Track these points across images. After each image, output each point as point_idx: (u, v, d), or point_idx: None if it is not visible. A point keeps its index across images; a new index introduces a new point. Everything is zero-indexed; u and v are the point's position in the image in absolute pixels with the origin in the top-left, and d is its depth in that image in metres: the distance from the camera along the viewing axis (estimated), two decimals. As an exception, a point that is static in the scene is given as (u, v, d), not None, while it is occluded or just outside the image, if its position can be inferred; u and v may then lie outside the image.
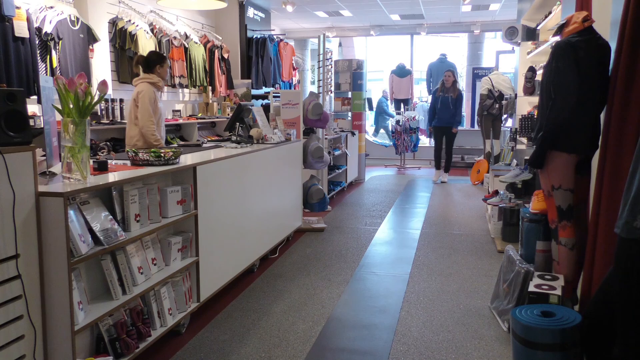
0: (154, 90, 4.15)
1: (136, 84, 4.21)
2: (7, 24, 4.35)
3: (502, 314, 3.09)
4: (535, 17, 6.28)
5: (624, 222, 1.73)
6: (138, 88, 4.16)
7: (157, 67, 4.23)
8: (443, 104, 8.31)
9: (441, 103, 8.33)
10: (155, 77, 4.19)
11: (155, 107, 4.13)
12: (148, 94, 4.08)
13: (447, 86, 8.30)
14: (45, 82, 2.47)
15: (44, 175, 2.39)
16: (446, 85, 8.33)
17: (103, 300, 2.42)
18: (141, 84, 4.15)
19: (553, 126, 2.71)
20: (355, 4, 9.49)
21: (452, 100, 8.24)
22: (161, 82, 4.24)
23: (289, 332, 3.02)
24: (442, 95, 8.29)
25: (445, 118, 8.29)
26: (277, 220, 4.39)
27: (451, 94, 8.24)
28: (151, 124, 4.06)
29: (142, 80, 4.17)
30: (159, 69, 4.23)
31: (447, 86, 8.30)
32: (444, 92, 8.27)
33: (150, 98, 4.08)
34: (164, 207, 2.84)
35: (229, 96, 8.04)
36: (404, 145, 10.26)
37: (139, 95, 4.10)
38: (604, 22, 2.92)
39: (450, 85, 8.31)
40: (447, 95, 8.24)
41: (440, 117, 8.32)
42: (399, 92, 11.12)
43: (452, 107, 8.28)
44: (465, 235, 5.15)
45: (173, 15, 7.12)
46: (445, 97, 8.27)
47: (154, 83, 4.16)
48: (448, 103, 8.27)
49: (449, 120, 8.31)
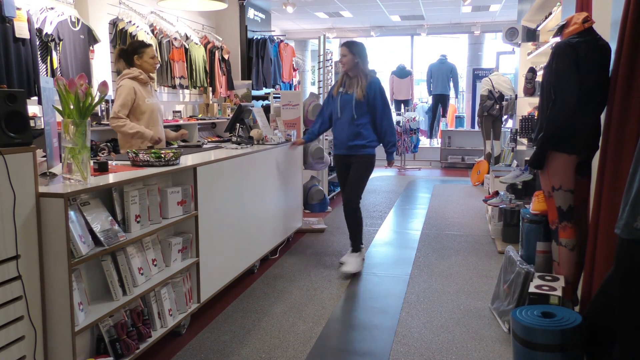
0: (136, 84, 3.69)
1: (118, 83, 3.74)
2: (7, 25, 4.35)
3: (503, 315, 3.08)
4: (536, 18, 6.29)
5: (624, 222, 1.72)
6: (118, 84, 3.72)
7: (135, 58, 3.75)
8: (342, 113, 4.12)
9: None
10: (136, 71, 3.71)
11: (140, 103, 3.70)
12: (126, 89, 3.64)
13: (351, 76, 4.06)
14: (46, 83, 2.47)
15: (45, 176, 2.39)
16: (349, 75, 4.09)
17: (103, 301, 2.42)
18: (121, 81, 3.70)
19: (553, 127, 2.71)
20: (356, 5, 9.50)
21: (356, 102, 3.99)
22: (143, 74, 3.74)
23: (289, 332, 3.02)
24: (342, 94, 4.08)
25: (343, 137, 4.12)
26: (278, 221, 4.39)
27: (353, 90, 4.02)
28: (114, 120, 3.62)
29: (122, 77, 3.71)
30: (138, 59, 3.74)
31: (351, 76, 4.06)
32: (345, 88, 4.08)
33: (128, 94, 3.63)
34: (164, 208, 2.84)
35: (229, 97, 8.05)
36: (404, 146, 10.26)
37: (117, 91, 3.69)
38: (604, 23, 2.92)
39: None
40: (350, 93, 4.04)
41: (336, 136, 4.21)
42: (399, 93, 11.12)
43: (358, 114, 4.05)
44: (466, 236, 5.15)
45: (173, 16, 7.13)
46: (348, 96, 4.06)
47: (135, 77, 3.70)
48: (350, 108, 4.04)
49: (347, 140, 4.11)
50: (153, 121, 3.83)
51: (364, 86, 3.98)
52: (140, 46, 3.81)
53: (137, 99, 3.71)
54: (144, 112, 3.75)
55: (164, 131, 4.00)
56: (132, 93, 3.67)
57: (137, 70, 3.74)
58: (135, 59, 3.76)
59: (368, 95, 3.98)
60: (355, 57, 3.99)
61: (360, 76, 4.01)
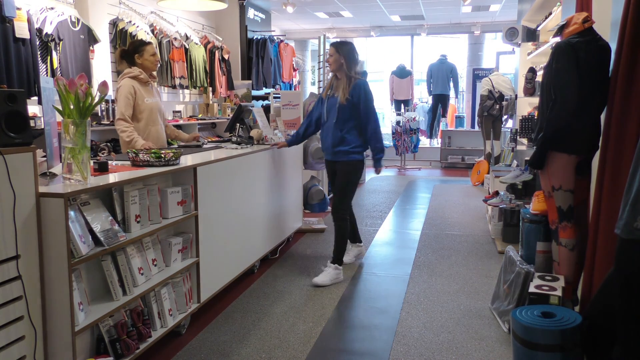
0: (135, 84, 3.72)
1: (118, 83, 3.79)
2: (7, 25, 4.35)
3: (503, 315, 3.09)
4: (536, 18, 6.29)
5: (624, 222, 1.72)
6: (118, 84, 3.75)
7: (135, 57, 3.78)
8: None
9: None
10: (136, 70, 3.74)
11: (139, 102, 3.72)
12: (126, 87, 3.68)
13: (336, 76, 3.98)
14: (46, 83, 2.47)
15: (45, 176, 2.39)
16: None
17: (103, 301, 2.42)
18: (121, 81, 3.74)
19: (553, 127, 2.71)
20: (356, 5, 9.50)
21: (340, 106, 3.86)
22: (143, 74, 3.76)
23: (290, 333, 3.02)
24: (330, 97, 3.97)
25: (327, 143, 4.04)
26: (278, 221, 4.39)
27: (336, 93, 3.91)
28: (120, 122, 3.65)
29: (122, 77, 3.75)
30: (139, 58, 3.77)
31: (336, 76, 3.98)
32: (332, 91, 3.97)
33: (128, 92, 3.66)
34: (164, 208, 2.84)
35: (229, 97, 8.05)
36: (404, 146, 10.26)
37: (117, 92, 3.72)
38: (604, 23, 2.92)
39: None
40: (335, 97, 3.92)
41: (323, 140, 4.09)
42: (399, 93, 11.13)
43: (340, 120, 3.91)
44: (466, 236, 5.15)
45: (173, 16, 7.13)
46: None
47: (135, 77, 3.73)
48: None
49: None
50: (152, 121, 3.82)
51: (348, 89, 3.79)
52: (140, 45, 3.83)
53: (137, 98, 3.72)
54: (142, 112, 3.76)
55: (163, 131, 3.98)
56: (132, 91, 3.69)
57: (138, 69, 3.76)
58: (136, 58, 3.78)
59: (352, 98, 3.78)
60: (341, 58, 3.81)
61: (346, 78, 3.82)
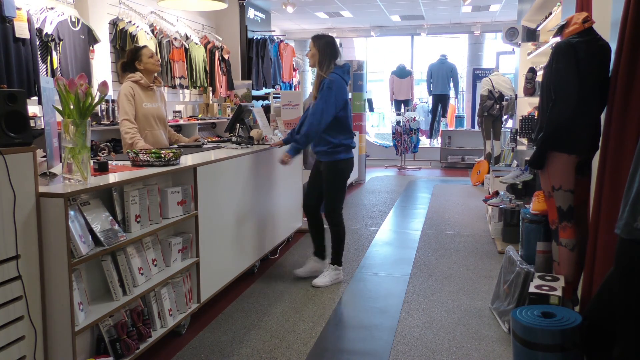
0: (135, 87, 3.78)
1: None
2: (7, 25, 4.35)
3: (503, 315, 3.09)
4: (536, 18, 6.29)
5: (624, 222, 1.72)
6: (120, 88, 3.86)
7: (136, 64, 3.85)
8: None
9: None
10: (138, 75, 3.81)
11: (137, 107, 3.77)
12: (125, 89, 3.75)
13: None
14: (46, 83, 2.47)
15: (45, 176, 2.39)
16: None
17: (103, 301, 2.42)
18: (122, 85, 3.85)
19: (553, 127, 2.71)
20: (356, 5, 9.50)
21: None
22: (144, 78, 3.83)
23: (290, 333, 3.02)
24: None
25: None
26: (278, 221, 4.39)
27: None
28: (125, 122, 3.70)
29: (124, 80, 3.85)
30: (139, 64, 3.84)
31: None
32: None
33: (126, 94, 3.73)
34: (164, 208, 2.84)
35: (229, 97, 8.05)
36: (405, 146, 10.26)
37: (118, 96, 3.81)
38: (604, 23, 2.92)
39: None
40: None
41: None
42: (399, 93, 11.13)
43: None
44: (466, 236, 5.15)
45: (173, 16, 7.13)
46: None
47: (136, 81, 3.80)
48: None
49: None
50: (148, 125, 3.85)
51: (317, 87, 3.62)
52: (136, 51, 3.87)
53: (135, 102, 3.77)
54: (139, 116, 3.81)
55: (162, 135, 4.00)
56: (131, 92, 3.73)
57: (139, 74, 3.82)
58: (137, 65, 3.83)
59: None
60: (317, 52, 3.61)
61: (319, 75, 3.61)
